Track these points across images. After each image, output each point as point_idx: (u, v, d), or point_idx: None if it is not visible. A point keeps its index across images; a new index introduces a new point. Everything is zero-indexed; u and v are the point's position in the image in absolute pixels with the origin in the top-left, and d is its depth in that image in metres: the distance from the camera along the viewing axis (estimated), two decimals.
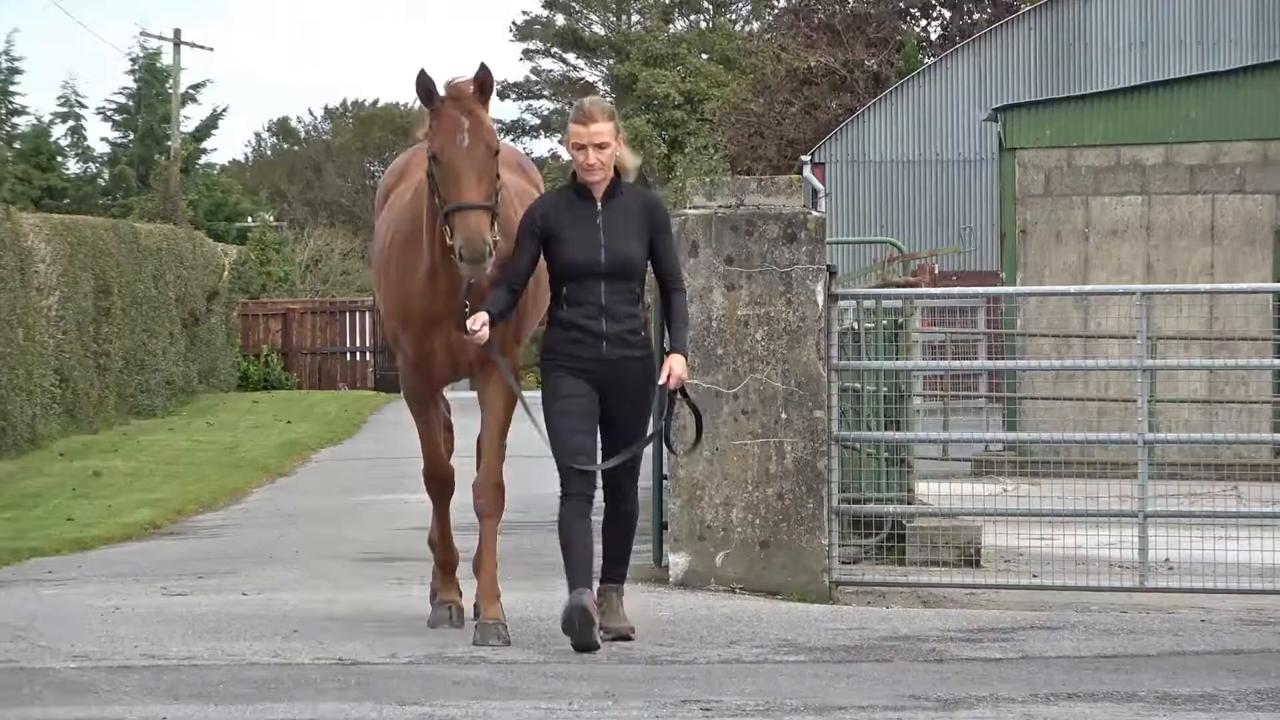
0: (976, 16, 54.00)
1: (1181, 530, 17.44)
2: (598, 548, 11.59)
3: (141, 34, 76.63)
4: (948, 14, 60.59)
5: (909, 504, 18.09)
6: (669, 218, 11.44)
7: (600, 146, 10.94)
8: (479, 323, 10.67)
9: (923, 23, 60.81)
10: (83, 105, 71.53)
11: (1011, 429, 26.11)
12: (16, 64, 70.48)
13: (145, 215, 54.95)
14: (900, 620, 14.30)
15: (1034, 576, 17.12)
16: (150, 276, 41.35)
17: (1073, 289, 30.03)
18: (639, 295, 11.10)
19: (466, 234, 10.56)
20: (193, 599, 15.23)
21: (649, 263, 11.20)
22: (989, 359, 26.71)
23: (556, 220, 11.04)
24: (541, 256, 11.31)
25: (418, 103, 11.25)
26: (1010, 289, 28.90)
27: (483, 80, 10.93)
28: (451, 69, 11.68)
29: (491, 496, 11.65)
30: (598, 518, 11.68)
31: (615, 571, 11.35)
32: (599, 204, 11.03)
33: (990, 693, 10.64)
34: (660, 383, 10.97)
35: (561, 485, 11.02)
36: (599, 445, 11.42)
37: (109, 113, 71.66)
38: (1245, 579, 16.37)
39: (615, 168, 11.17)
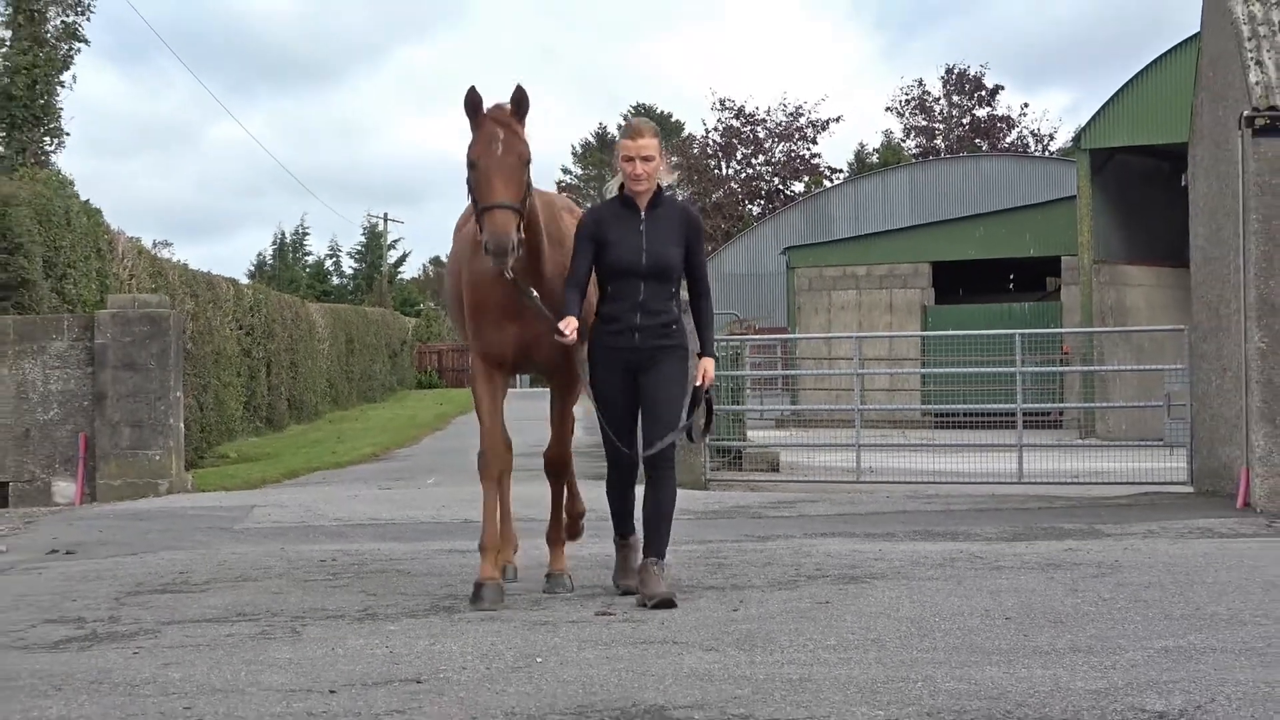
0: (778, 208, 53.96)
1: (877, 452, 17.51)
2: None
3: (368, 215, 76.98)
4: (762, 202, 60.69)
5: (744, 441, 18.12)
6: (703, 229, 7.37)
7: (646, 159, 7.04)
8: (570, 327, 6.76)
9: (750, 207, 60.83)
10: (339, 250, 71.34)
11: (794, 404, 26.11)
12: (307, 230, 70.48)
13: (370, 304, 55.06)
14: (739, 499, 14.32)
15: (805, 476, 17.22)
16: (373, 334, 41.48)
17: (822, 335, 30.10)
18: (674, 294, 7.18)
19: (492, 229, 6.58)
20: (393, 491, 15.20)
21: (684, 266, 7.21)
22: (783, 370, 26.72)
23: (606, 226, 7.07)
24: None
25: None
26: (793, 336, 28.92)
27: (518, 100, 6.90)
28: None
29: (560, 463, 7.78)
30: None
31: (655, 549, 6.98)
32: (643, 213, 7.09)
33: (784, 533, 10.66)
34: (696, 384, 7.11)
35: (609, 460, 7.22)
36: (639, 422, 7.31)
37: (352, 254, 71.51)
38: (909, 477, 16.46)
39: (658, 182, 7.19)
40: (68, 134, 21.72)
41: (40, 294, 15.61)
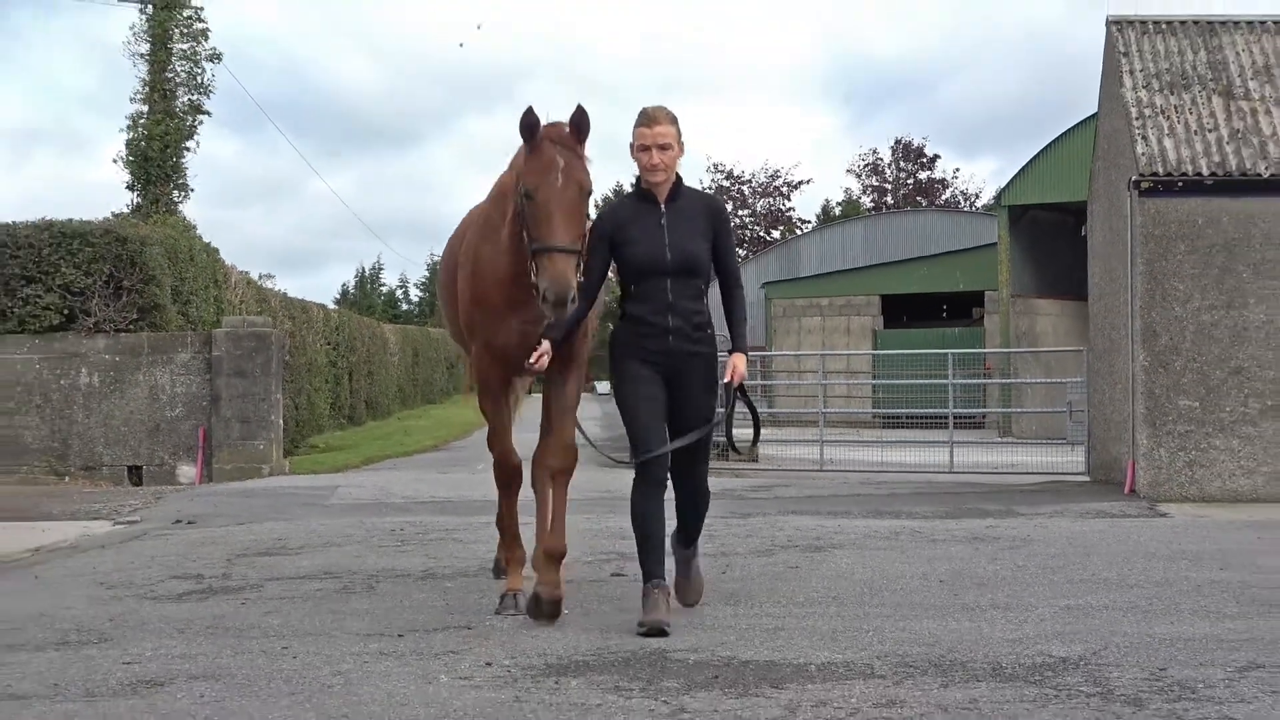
0: (758, 251, 53.77)
1: (837, 447, 17.46)
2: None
3: (431, 254, 77.49)
4: (747, 246, 60.56)
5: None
6: (729, 220, 5.36)
7: (663, 148, 5.06)
8: (536, 355, 4.96)
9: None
10: (408, 282, 71.67)
11: (770, 408, 26.05)
12: (381, 266, 70.81)
13: (433, 326, 55.04)
14: (728, 484, 14.24)
15: (779, 466, 17.17)
16: (435, 349, 41.37)
17: (793, 353, 30.02)
18: (703, 291, 5.22)
19: (553, 277, 4.71)
20: (448, 475, 15.17)
21: (712, 261, 5.24)
22: (761, 380, 26.68)
23: (623, 224, 5.13)
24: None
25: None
26: (770, 353, 28.82)
27: (578, 123, 4.98)
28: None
29: (563, 456, 5.47)
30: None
31: (690, 539, 5.56)
32: (663, 206, 5.13)
33: (761, 511, 10.63)
34: (725, 381, 5.19)
35: (636, 470, 5.06)
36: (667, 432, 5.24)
37: (418, 285, 71.72)
38: (863, 467, 16.41)
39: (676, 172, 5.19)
40: (192, 189, 21.84)
41: (169, 316, 15.70)
